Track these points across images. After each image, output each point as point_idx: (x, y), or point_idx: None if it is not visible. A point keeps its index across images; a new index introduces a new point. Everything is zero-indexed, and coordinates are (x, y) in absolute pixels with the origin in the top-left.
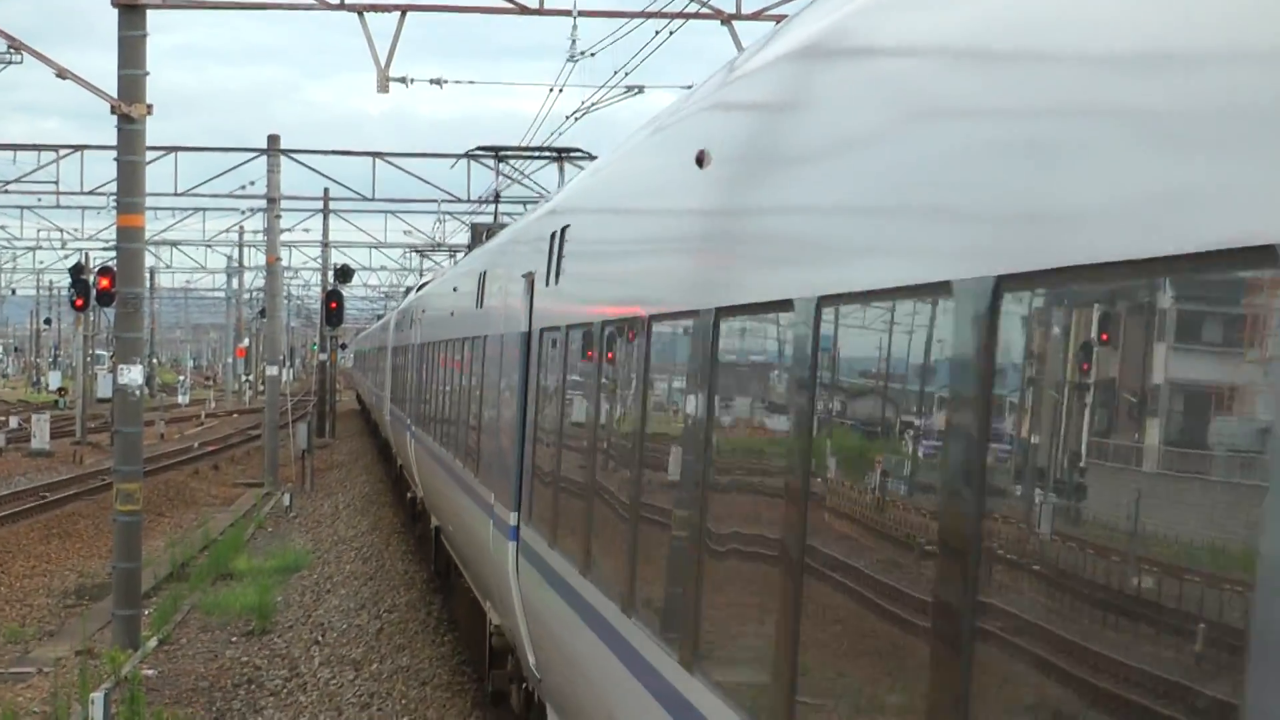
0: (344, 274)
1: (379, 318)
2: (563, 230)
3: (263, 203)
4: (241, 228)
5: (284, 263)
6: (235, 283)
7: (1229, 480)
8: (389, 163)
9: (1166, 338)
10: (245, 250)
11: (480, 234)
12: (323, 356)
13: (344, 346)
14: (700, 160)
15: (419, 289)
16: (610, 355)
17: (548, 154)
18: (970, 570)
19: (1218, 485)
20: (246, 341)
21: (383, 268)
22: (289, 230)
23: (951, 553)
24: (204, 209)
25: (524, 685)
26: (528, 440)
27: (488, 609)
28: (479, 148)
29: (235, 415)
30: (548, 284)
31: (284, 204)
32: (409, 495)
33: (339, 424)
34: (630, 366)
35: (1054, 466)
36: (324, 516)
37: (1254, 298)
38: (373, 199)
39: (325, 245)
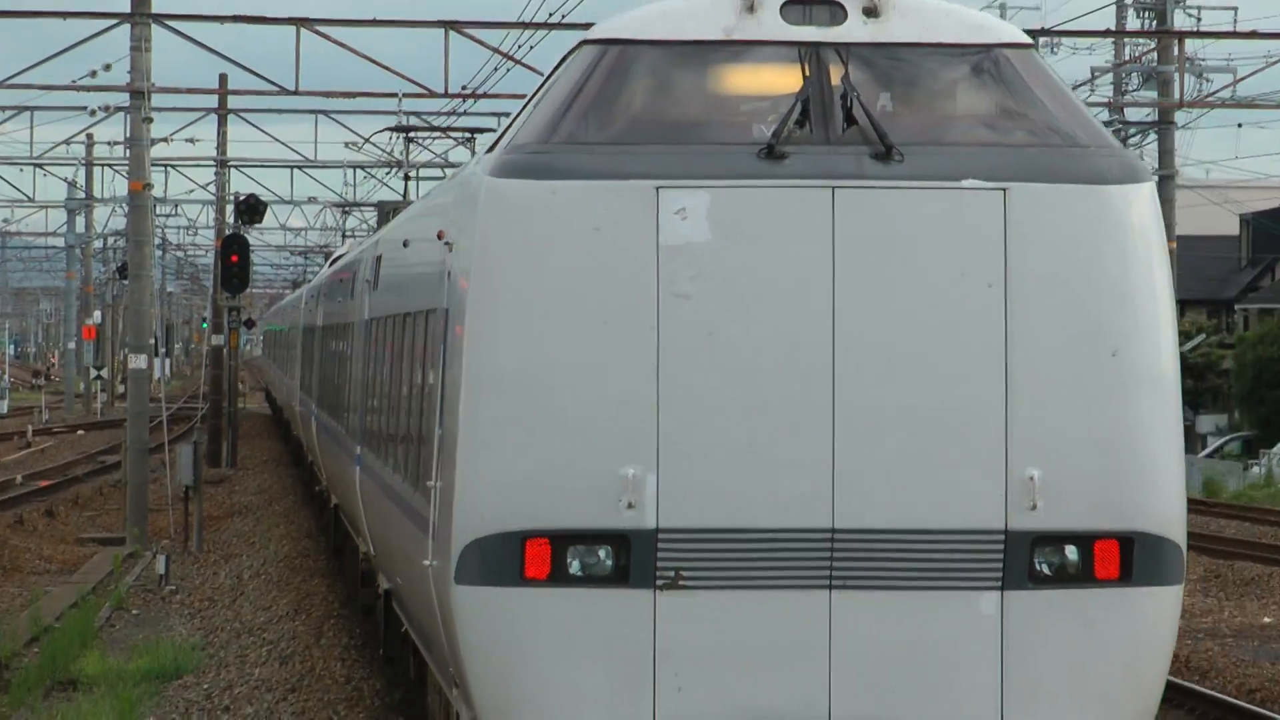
0: (251, 210)
1: (295, 285)
2: (378, 257)
3: (124, 98)
4: (90, 137)
5: (157, 193)
6: (80, 223)
7: (416, 388)
8: (320, 34)
9: (414, 340)
10: (97, 173)
11: (387, 213)
12: (218, 340)
13: (250, 324)
14: (405, 243)
15: (332, 262)
16: (386, 335)
17: (459, 134)
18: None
19: (414, 388)
20: (98, 316)
21: (312, 199)
22: (165, 141)
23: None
24: (32, 108)
25: (377, 588)
26: (366, 393)
27: (359, 542)
28: (386, 128)
29: (81, 432)
30: (374, 290)
31: (158, 100)
32: (316, 489)
33: (244, 445)
34: (390, 343)
35: (348, 363)
36: (219, 592)
37: (419, 328)
38: (296, 92)
39: (222, 164)
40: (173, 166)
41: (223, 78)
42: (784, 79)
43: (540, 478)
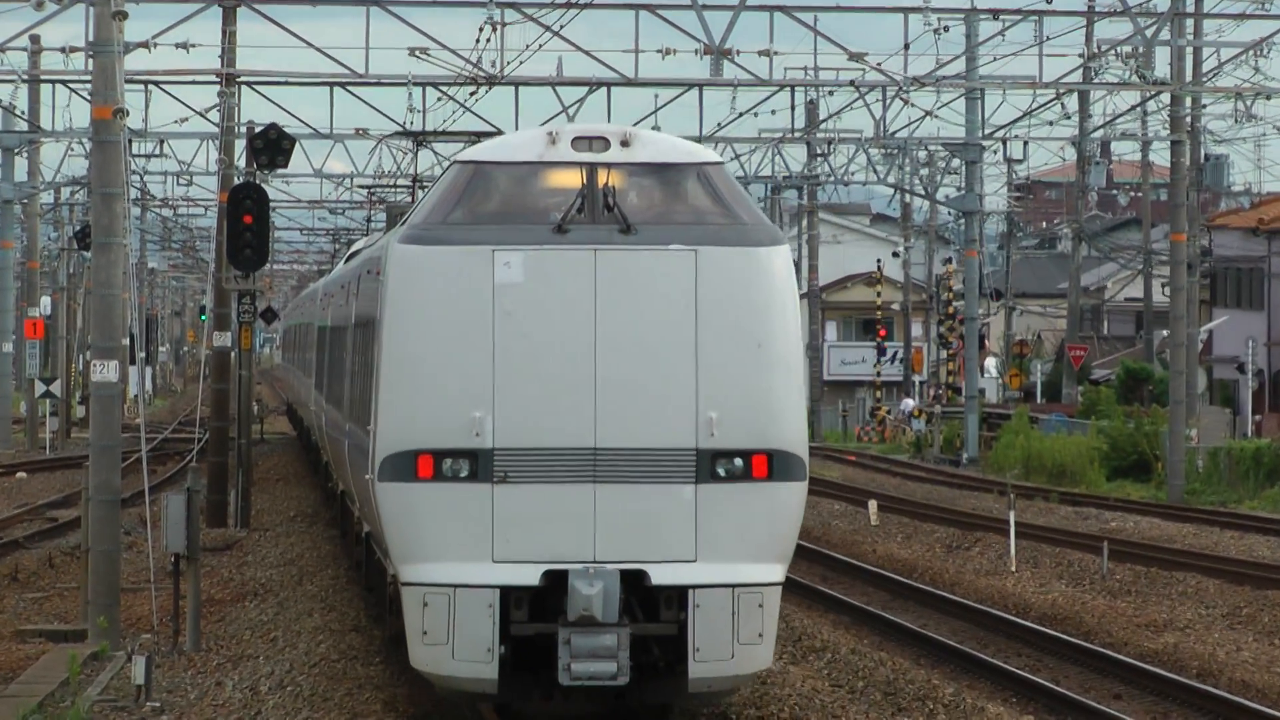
0: (273, 149)
1: (321, 272)
2: (359, 275)
3: None
4: (36, 40)
5: (134, 122)
6: (21, 168)
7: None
8: None
9: (371, 337)
10: (45, 92)
11: (396, 216)
12: (223, 339)
13: (270, 316)
14: (369, 271)
15: (348, 258)
16: (362, 335)
17: (467, 137)
18: (346, 374)
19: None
20: (47, 305)
21: (362, 133)
22: (146, 47)
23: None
24: None
25: (362, 538)
26: (352, 381)
27: (354, 509)
28: (395, 133)
29: (22, 474)
30: (356, 300)
31: None
32: (323, 462)
33: (261, 493)
34: (334, 340)
35: (345, 360)
36: (225, 711)
37: (372, 330)
38: None
39: (230, 81)
40: (157, 84)
41: None
42: (571, 183)
43: (425, 418)
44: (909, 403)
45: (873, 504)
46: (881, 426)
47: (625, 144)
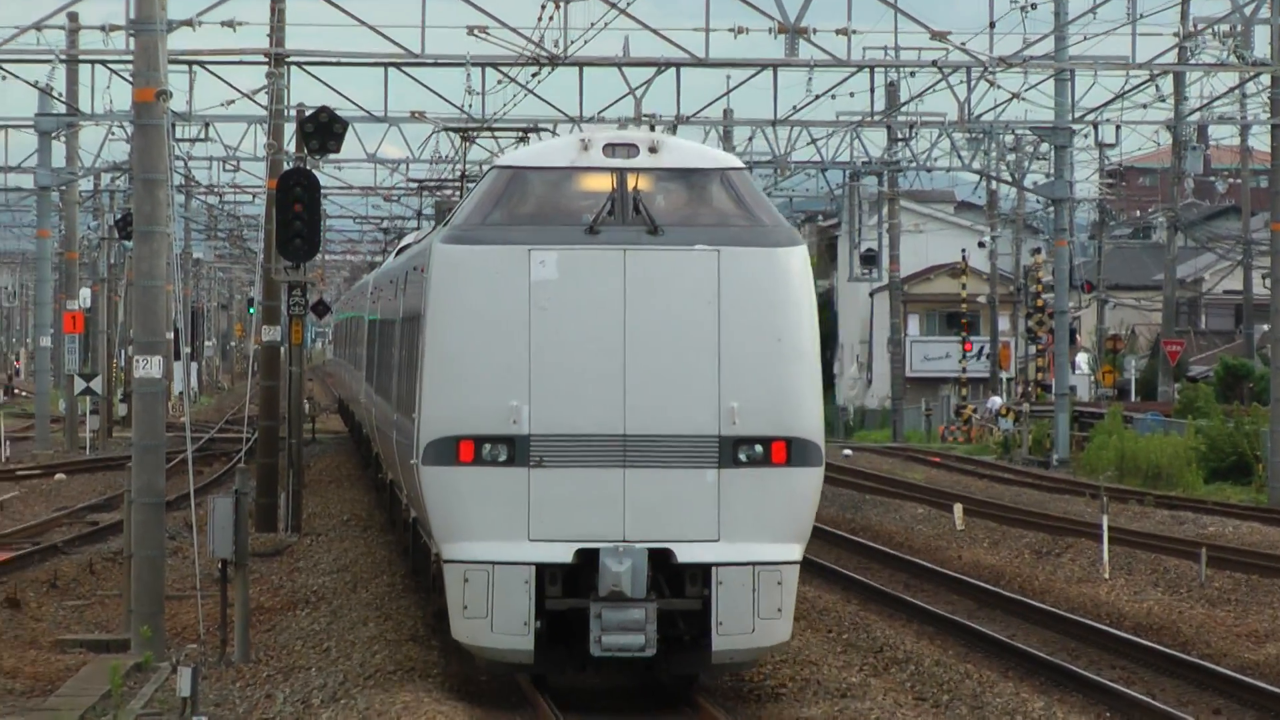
0: (324, 133)
1: (372, 265)
2: (406, 272)
3: None
4: (74, 18)
5: (178, 105)
6: (60, 153)
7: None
8: None
9: (417, 331)
10: (83, 74)
11: (444, 212)
12: (272, 333)
13: (321, 310)
14: (415, 269)
15: (397, 252)
16: (409, 329)
17: (517, 131)
18: (389, 363)
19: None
20: (87, 298)
21: (418, 116)
22: (190, 25)
23: (391, 361)
24: None
25: (409, 519)
26: (399, 372)
27: (401, 496)
28: (445, 126)
29: (61, 476)
30: (404, 296)
31: None
32: (374, 454)
33: (313, 496)
34: (383, 333)
35: (393, 353)
36: None
37: (409, 328)
38: None
39: (279, 61)
40: (202, 64)
41: None
42: (602, 187)
43: (466, 406)
44: (996, 401)
45: (958, 508)
46: (967, 426)
47: (653, 150)
